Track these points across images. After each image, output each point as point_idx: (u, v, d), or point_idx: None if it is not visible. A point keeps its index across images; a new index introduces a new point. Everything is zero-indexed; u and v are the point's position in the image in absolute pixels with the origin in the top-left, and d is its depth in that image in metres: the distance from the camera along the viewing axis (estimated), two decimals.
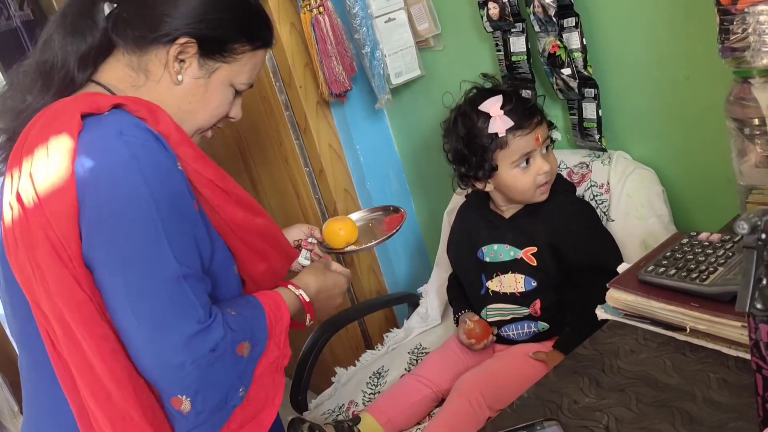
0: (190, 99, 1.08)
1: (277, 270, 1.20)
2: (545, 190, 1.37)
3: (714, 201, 1.34)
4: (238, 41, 1.08)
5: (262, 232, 1.13)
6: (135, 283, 0.92)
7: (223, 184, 1.05)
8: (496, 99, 1.34)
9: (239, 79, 1.11)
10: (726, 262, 0.96)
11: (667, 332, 0.96)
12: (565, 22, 1.38)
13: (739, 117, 1.11)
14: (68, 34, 1.06)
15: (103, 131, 0.94)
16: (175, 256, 0.93)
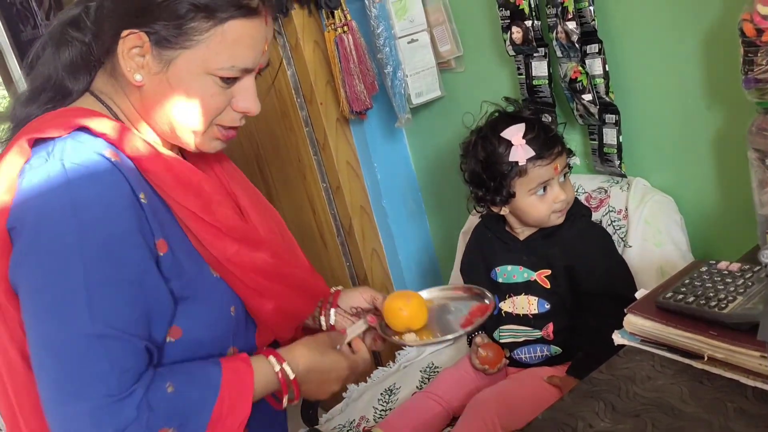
0: (160, 99, 0.95)
1: (290, 310, 1.08)
2: (561, 215, 1.38)
3: (733, 231, 1.34)
4: (192, 19, 0.91)
5: (261, 268, 1.00)
6: (43, 335, 0.84)
7: (207, 215, 0.95)
8: (519, 127, 1.34)
9: (215, 63, 0.93)
10: (745, 291, 0.96)
11: (684, 359, 0.96)
12: (587, 49, 1.39)
13: (761, 148, 1.11)
14: (54, 48, 1.00)
15: (46, 159, 0.87)
16: (92, 313, 0.82)
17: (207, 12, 0.91)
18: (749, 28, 1.05)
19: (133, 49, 0.93)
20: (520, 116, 1.39)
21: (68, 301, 0.83)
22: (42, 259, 0.84)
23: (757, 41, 1.05)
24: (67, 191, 0.85)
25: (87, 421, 0.81)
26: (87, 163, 0.87)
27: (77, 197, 0.85)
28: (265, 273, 1.01)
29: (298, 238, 2.45)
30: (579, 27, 1.38)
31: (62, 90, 1.00)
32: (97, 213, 0.85)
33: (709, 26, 1.24)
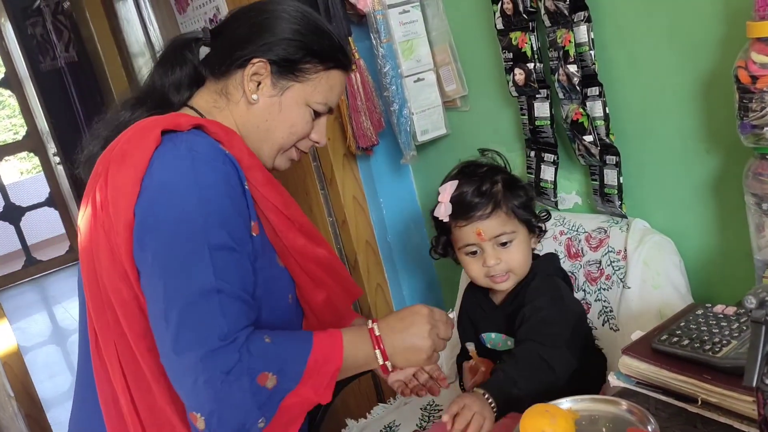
0: (266, 117, 1.16)
1: (336, 304, 1.24)
2: (503, 281, 1.33)
3: (732, 274, 1.34)
4: (310, 61, 1.16)
5: (322, 262, 1.18)
6: (171, 290, 0.96)
7: (287, 211, 1.12)
8: (452, 184, 1.33)
9: (314, 98, 1.17)
10: (740, 336, 0.97)
11: (678, 403, 0.96)
12: (588, 91, 1.42)
13: (757, 192, 1.12)
14: (167, 66, 1.18)
15: (175, 145, 1.02)
16: (215, 271, 0.96)
17: (321, 58, 1.17)
18: (744, 75, 1.07)
19: (255, 75, 1.14)
20: (465, 171, 1.36)
21: (195, 258, 0.97)
22: (170, 226, 0.98)
23: (752, 88, 1.07)
24: (192, 172, 1.00)
25: (200, 366, 0.92)
26: (208, 152, 1.03)
27: (200, 177, 1.00)
28: (324, 266, 1.18)
29: None
30: (580, 70, 1.40)
31: (165, 102, 1.17)
32: (215, 191, 1.00)
33: (707, 72, 1.26)
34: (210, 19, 2.37)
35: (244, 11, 1.21)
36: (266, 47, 1.14)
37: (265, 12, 1.17)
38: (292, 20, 1.16)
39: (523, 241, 1.33)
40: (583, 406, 1.01)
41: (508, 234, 1.31)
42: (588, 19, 1.36)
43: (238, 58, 1.15)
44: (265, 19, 1.16)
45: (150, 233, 0.99)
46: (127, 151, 1.03)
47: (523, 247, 1.33)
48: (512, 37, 1.55)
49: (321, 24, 1.20)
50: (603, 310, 1.46)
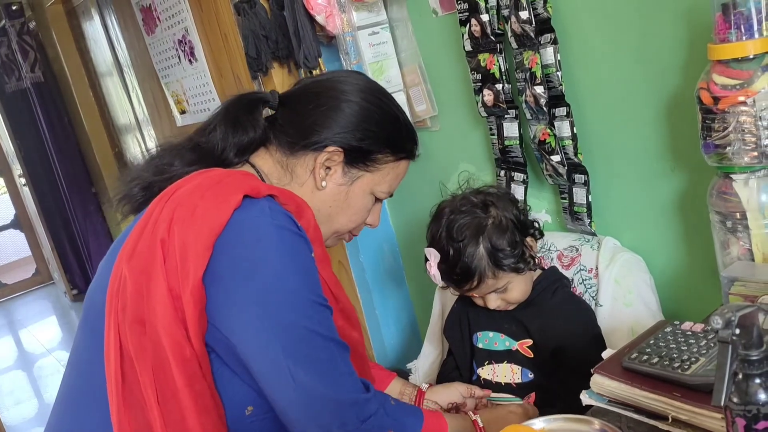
0: (330, 204, 1.15)
1: None
2: (511, 307, 1.39)
3: (699, 290, 1.37)
4: (382, 152, 1.15)
5: (354, 346, 1.12)
6: (290, 341, 0.96)
7: (336, 290, 1.10)
8: (435, 255, 1.35)
9: (380, 187, 1.17)
10: (707, 353, 0.98)
11: (649, 420, 0.97)
12: (556, 112, 1.44)
13: (722, 210, 1.14)
14: (230, 127, 1.14)
15: (257, 211, 1.00)
16: (321, 320, 0.99)
17: (393, 150, 1.17)
18: (706, 96, 1.10)
19: (327, 161, 1.13)
20: (447, 232, 1.33)
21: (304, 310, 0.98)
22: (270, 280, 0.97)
23: (714, 109, 1.09)
24: (280, 239, 0.99)
25: (341, 410, 0.97)
26: (284, 218, 1.02)
27: (287, 244, 0.99)
28: (354, 350, 1.12)
29: None
30: (547, 91, 1.43)
31: (224, 161, 1.14)
32: (304, 256, 1.01)
33: (671, 93, 1.29)
34: (179, 40, 2.36)
35: (317, 86, 1.18)
36: (342, 135, 1.12)
37: (340, 92, 1.15)
38: (366, 105, 1.14)
39: (521, 283, 1.36)
40: (556, 426, 1.02)
41: (501, 288, 1.35)
42: (554, 41, 1.39)
43: (312, 142, 1.12)
44: (340, 102, 1.13)
45: (243, 291, 0.97)
46: (200, 207, 0.99)
47: (520, 285, 1.36)
48: (480, 59, 1.56)
49: (394, 110, 1.18)
50: None
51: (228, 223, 0.98)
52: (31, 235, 5.92)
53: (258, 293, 0.97)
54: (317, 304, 1.00)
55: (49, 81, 4.64)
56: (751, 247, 1.12)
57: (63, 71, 4.14)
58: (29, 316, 5.41)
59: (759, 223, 1.10)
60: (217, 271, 0.97)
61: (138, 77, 3.07)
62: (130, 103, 3.58)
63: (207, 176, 1.06)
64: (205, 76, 2.27)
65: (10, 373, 4.48)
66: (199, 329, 0.97)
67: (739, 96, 1.05)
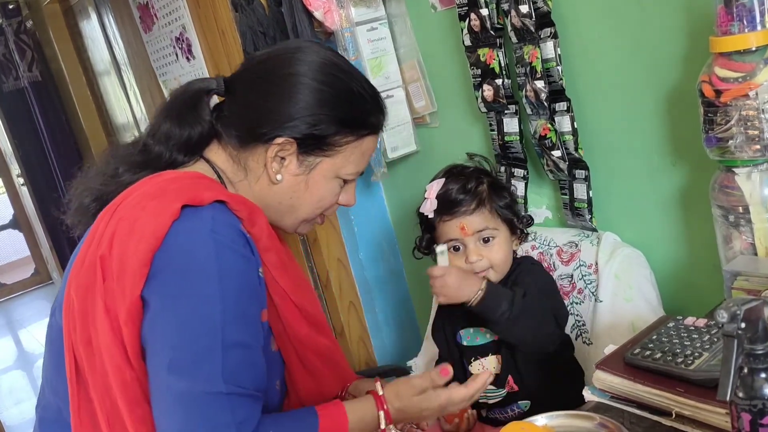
0: (290, 195, 1.07)
1: (325, 392, 1.15)
2: (483, 277, 1.33)
3: (702, 285, 1.36)
4: (340, 133, 1.05)
5: (322, 352, 1.10)
6: (177, 386, 0.89)
7: (296, 297, 1.05)
8: (439, 182, 1.37)
9: (345, 170, 1.08)
10: (711, 347, 0.97)
11: (652, 416, 0.96)
12: (556, 107, 1.43)
13: (724, 204, 1.14)
14: (175, 124, 1.06)
15: (197, 225, 0.94)
16: (224, 374, 0.90)
17: (353, 128, 1.07)
18: (708, 89, 1.09)
19: (280, 152, 1.04)
20: (453, 171, 1.40)
21: (206, 360, 0.90)
22: (186, 317, 0.91)
23: (716, 102, 1.08)
24: (215, 259, 0.92)
25: None
26: (230, 235, 0.95)
27: (223, 265, 0.92)
28: (323, 356, 1.11)
29: None
30: (547, 86, 1.41)
31: (173, 163, 1.06)
32: (237, 282, 0.93)
33: (672, 86, 1.28)
34: (176, 38, 2.35)
35: (262, 68, 1.08)
36: (291, 124, 1.03)
37: (286, 76, 1.04)
38: (318, 87, 1.03)
39: (504, 240, 1.35)
40: (558, 422, 1.01)
41: (490, 230, 1.33)
42: (554, 35, 1.37)
43: (260, 134, 1.04)
44: (288, 86, 1.03)
45: (164, 321, 0.91)
46: (140, 220, 0.94)
47: (505, 246, 1.35)
48: (480, 54, 1.55)
49: (351, 85, 1.07)
50: (576, 324, 1.47)
51: (165, 236, 0.92)
52: (29, 235, 5.90)
53: (172, 334, 0.91)
54: (228, 347, 0.91)
55: (47, 80, 4.62)
56: (754, 242, 1.11)
57: (60, 70, 4.12)
58: (28, 316, 5.39)
59: (762, 216, 1.09)
60: (153, 290, 0.92)
61: (136, 75, 3.06)
62: (128, 101, 3.57)
63: (152, 183, 1.00)
64: (202, 73, 2.26)
65: (9, 373, 4.47)
66: (140, 350, 0.93)
67: (741, 89, 1.04)
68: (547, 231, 1.58)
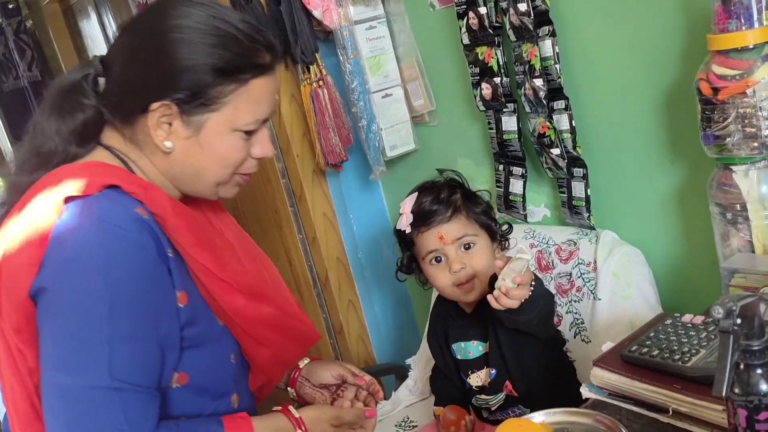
0: (191, 161, 1.00)
1: (284, 358, 1.15)
2: (469, 288, 1.32)
3: (699, 283, 1.36)
4: (217, 84, 0.96)
5: (267, 321, 1.07)
6: (63, 386, 0.87)
7: (221, 272, 1.00)
8: (412, 197, 1.37)
9: (241, 120, 0.99)
10: (708, 344, 0.97)
11: (650, 413, 0.96)
12: (555, 105, 1.43)
13: (722, 202, 1.14)
14: (57, 116, 1.02)
15: (81, 217, 0.90)
16: (111, 369, 0.86)
17: (230, 76, 0.96)
18: (705, 87, 1.09)
19: (162, 118, 0.97)
20: (424, 186, 1.39)
21: (90, 354, 0.87)
22: (69, 312, 0.88)
23: (714, 99, 1.08)
24: (101, 249, 0.89)
25: None
26: (120, 222, 0.91)
27: (109, 256, 0.89)
28: (269, 325, 1.07)
29: None
30: (546, 84, 1.42)
31: (67, 157, 1.01)
32: (127, 272, 0.90)
33: (670, 84, 1.28)
34: None
35: (125, 38, 1.02)
36: (163, 87, 0.96)
37: (147, 38, 0.98)
38: (180, 39, 0.95)
39: (485, 247, 1.34)
40: (556, 419, 1.01)
41: (470, 236, 1.32)
42: (553, 33, 1.38)
43: (135, 105, 0.97)
44: (151, 48, 0.97)
45: (50, 319, 0.89)
46: (24, 223, 0.91)
47: (487, 253, 1.34)
48: (478, 52, 1.56)
49: (221, 27, 0.97)
50: (574, 322, 1.47)
51: (50, 234, 0.89)
52: None
53: (56, 330, 0.89)
54: (117, 341, 0.88)
55: (47, 80, 4.61)
56: (752, 239, 1.11)
57: (60, 70, 4.12)
58: None
59: (759, 214, 1.09)
60: (40, 288, 0.89)
61: None
62: None
63: (39, 183, 0.96)
64: None
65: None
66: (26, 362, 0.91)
67: (739, 86, 1.04)
68: (545, 229, 1.58)
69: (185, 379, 0.99)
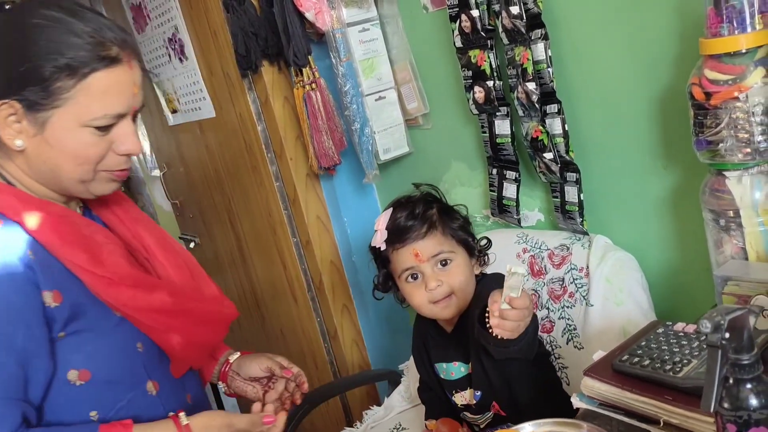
0: (43, 158, 0.99)
1: (198, 342, 1.14)
2: (445, 305, 1.28)
3: (693, 289, 1.34)
4: (56, 79, 0.95)
5: (161, 308, 1.05)
6: None
7: (97, 268, 1.00)
8: (386, 213, 1.34)
9: (88, 115, 0.97)
10: (700, 354, 0.96)
11: (641, 424, 0.95)
12: (547, 109, 1.41)
13: (714, 208, 1.12)
14: None
15: None
16: None
17: (69, 70, 0.95)
18: (698, 91, 1.08)
19: (9, 118, 0.97)
20: (400, 201, 1.36)
21: None
22: None
23: (706, 104, 1.07)
24: None
25: None
26: None
27: None
28: (166, 312, 1.06)
29: (269, 292, 2.43)
30: (539, 87, 1.40)
31: None
32: None
33: (663, 88, 1.26)
34: (169, 39, 2.34)
35: None
36: (4, 85, 0.96)
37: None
38: (24, 37, 0.95)
39: (463, 263, 1.30)
40: (545, 430, 1.00)
41: (446, 253, 1.29)
42: (545, 36, 1.36)
43: None
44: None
45: None
46: None
47: (464, 269, 1.30)
48: (471, 55, 1.54)
49: (62, 23, 0.96)
50: (567, 328, 1.45)
51: None
52: None
53: None
54: None
55: None
56: (745, 246, 1.09)
57: None
58: None
59: (752, 221, 1.08)
60: None
61: None
62: None
63: None
64: (195, 74, 2.25)
65: None
66: None
67: (731, 91, 1.03)
68: (538, 234, 1.56)
69: (87, 375, 1.00)
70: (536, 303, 1.51)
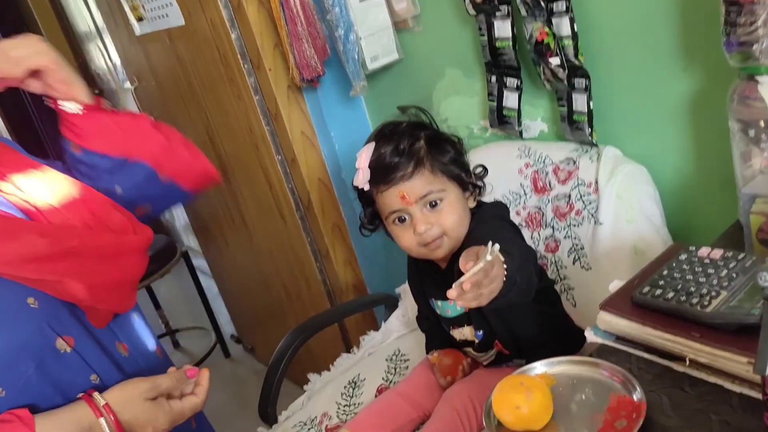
0: None
1: (110, 282, 0.98)
2: (437, 246, 1.18)
3: (710, 205, 1.25)
4: None
5: (33, 254, 0.90)
6: None
7: None
8: (368, 148, 1.20)
9: None
10: (729, 285, 0.87)
11: (664, 361, 0.87)
12: (554, 6, 1.26)
13: (744, 118, 1.01)
14: None
15: None
16: None
17: None
18: None
19: None
20: (383, 132, 1.22)
21: None
22: None
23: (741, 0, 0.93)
24: None
25: None
26: None
27: None
28: (43, 258, 0.90)
29: (256, 213, 2.33)
30: None
31: None
32: None
33: None
34: None
35: None
36: None
37: None
38: None
39: (455, 201, 1.18)
40: (559, 370, 0.93)
41: (435, 193, 1.16)
42: None
43: None
44: None
45: None
46: None
47: (456, 207, 1.18)
48: None
49: None
50: (573, 248, 1.36)
51: None
52: None
53: None
54: None
55: None
56: None
57: None
58: None
59: None
60: None
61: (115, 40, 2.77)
62: (88, 9, 3.31)
63: None
64: None
65: None
66: None
67: None
68: (542, 146, 1.44)
69: None
70: (540, 221, 1.42)
